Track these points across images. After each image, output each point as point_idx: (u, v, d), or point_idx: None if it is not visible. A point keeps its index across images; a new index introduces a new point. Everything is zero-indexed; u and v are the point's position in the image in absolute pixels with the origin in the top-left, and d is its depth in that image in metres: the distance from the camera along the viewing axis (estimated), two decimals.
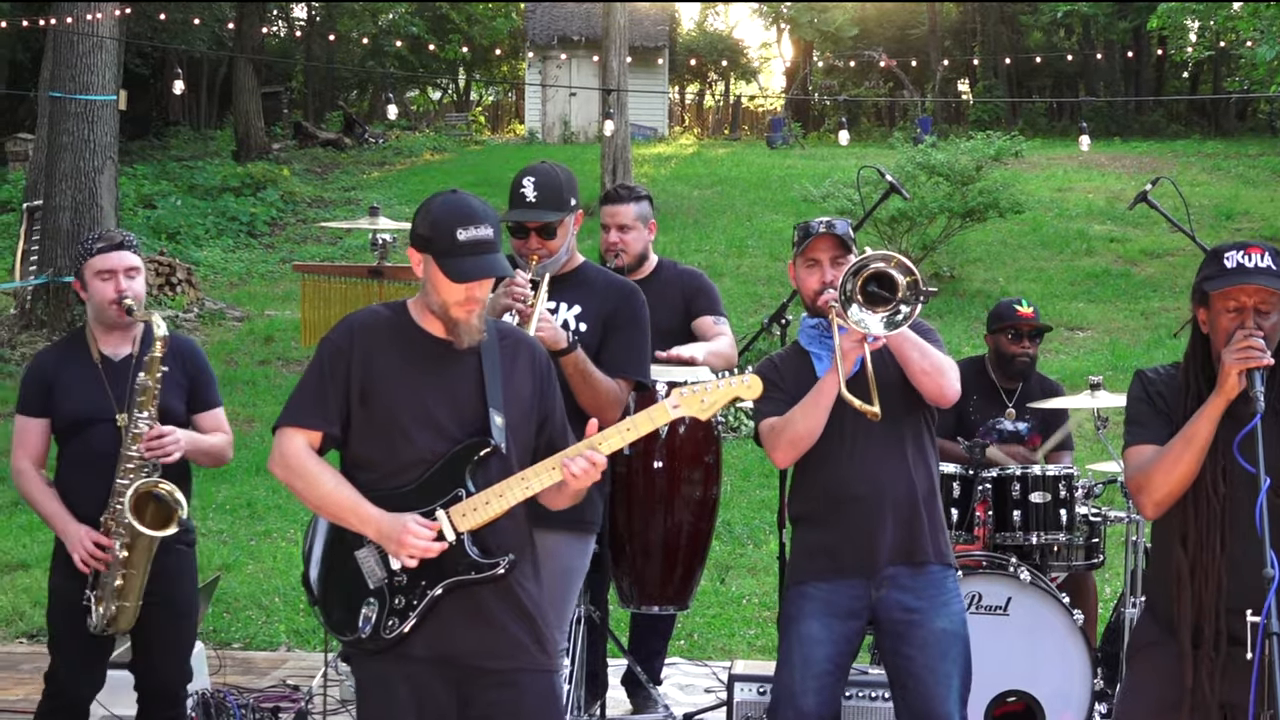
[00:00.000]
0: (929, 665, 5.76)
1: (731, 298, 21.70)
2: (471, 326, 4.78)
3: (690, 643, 9.90)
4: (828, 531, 5.83)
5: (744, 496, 13.81)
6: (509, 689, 4.84)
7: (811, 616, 5.81)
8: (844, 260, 5.82)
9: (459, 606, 4.78)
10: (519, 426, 4.92)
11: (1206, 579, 4.64)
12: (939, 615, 5.80)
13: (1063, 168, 34.43)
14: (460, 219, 4.70)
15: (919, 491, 5.83)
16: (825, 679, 5.80)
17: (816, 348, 5.95)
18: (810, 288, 5.91)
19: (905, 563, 5.79)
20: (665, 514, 7.09)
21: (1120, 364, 18.14)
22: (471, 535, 4.77)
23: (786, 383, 5.88)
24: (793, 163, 36.18)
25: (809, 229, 5.95)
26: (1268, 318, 4.64)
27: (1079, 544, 7.92)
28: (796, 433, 5.70)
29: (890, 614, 5.80)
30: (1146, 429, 4.82)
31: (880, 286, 5.48)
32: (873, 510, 5.75)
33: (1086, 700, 7.31)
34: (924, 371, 5.66)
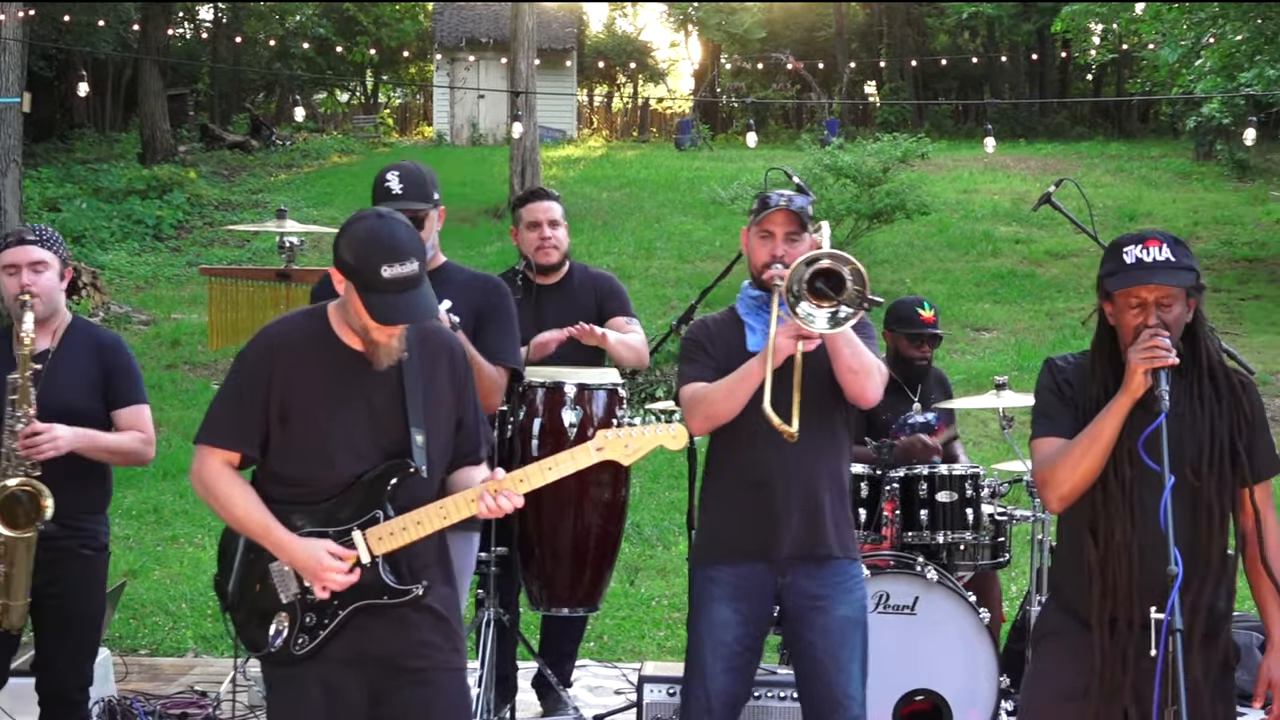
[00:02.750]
0: (830, 651, 5.78)
1: (640, 300, 21.69)
2: (391, 349, 4.73)
3: (600, 645, 9.90)
4: (736, 515, 5.83)
5: (653, 498, 13.83)
6: (423, 687, 4.83)
7: (720, 600, 5.82)
8: (798, 236, 5.83)
9: (373, 614, 4.77)
10: (442, 439, 4.90)
11: (1117, 569, 4.68)
12: (841, 603, 5.81)
13: (968, 169, 34.66)
14: (385, 254, 4.58)
15: (828, 486, 5.83)
16: (736, 659, 5.81)
17: (752, 319, 5.94)
18: (760, 258, 5.89)
19: (808, 556, 5.79)
20: (574, 517, 7.10)
21: (1025, 364, 18.27)
22: (386, 558, 4.75)
23: (716, 348, 5.87)
24: (701, 165, 36.23)
25: (768, 201, 5.93)
26: (1170, 309, 4.67)
27: (985, 543, 7.98)
28: (715, 410, 5.70)
29: (794, 601, 5.81)
30: (1054, 421, 4.85)
31: (827, 283, 5.48)
32: (782, 499, 5.75)
33: (993, 698, 7.37)
34: (851, 370, 5.66)
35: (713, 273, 6.16)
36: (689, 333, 6.06)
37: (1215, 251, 26.25)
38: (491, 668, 7.13)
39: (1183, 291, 4.70)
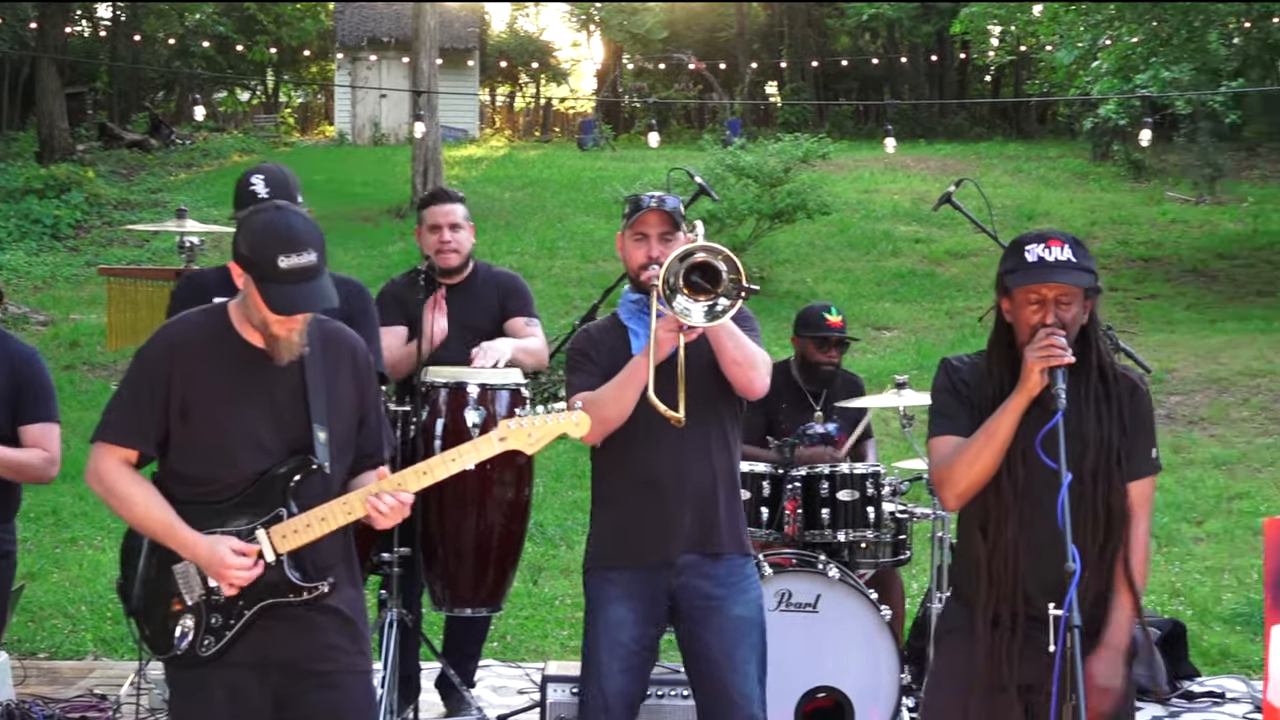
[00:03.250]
0: (726, 651, 5.81)
1: (543, 299, 21.65)
2: (292, 343, 4.70)
3: (503, 644, 9.90)
4: (628, 516, 5.84)
5: (556, 498, 13.84)
6: (329, 690, 4.81)
7: (615, 601, 5.83)
8: (672, 237, 5.85)
9: (278, 615, 4.74)
10: (344, 438, 4.88)
11: (1005, 565, 4.73)
12: (737, 602, 5.84)
13: (869, 170, 34.86)
14: (282, 245, 4.56)
15: (720, 482, 5.85)
16: (632, 659, 5.82)
17: (635, 323, 5.95)
18: (636, 261, 5.90)
19: (702, 552, 5.81)
20: (477, 516, 7.10)
21: (925, 363, 18.40)
22: (290, 556, 4.73)
23: (601, 355, 5.88)
24: (603, 164, 36.25)
25: (639, 202, 5.95)
26: (1068, 309, 4.72)
27: (886, 541, 8.05)
28: (606, 414, 5.69)
29: (689, 601, 5.82)
30: (951, 420, 4.88)
31: (703, 277, 5.50)
32: (673, 497, 5.76)
33: (894, 695, 7.42)
34: (736, 362, 5.68)
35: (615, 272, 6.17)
36: (573, 343, 6.07)
37: (1112, 251, 26.53)
38: (394, 669, 7.12)
39: (1081, 292, 4.75)
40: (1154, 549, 12.07)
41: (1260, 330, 20.85)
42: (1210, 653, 9.80)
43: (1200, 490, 14.16)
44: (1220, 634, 10.20)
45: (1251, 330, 20.90)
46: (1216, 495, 14.00)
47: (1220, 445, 15.76)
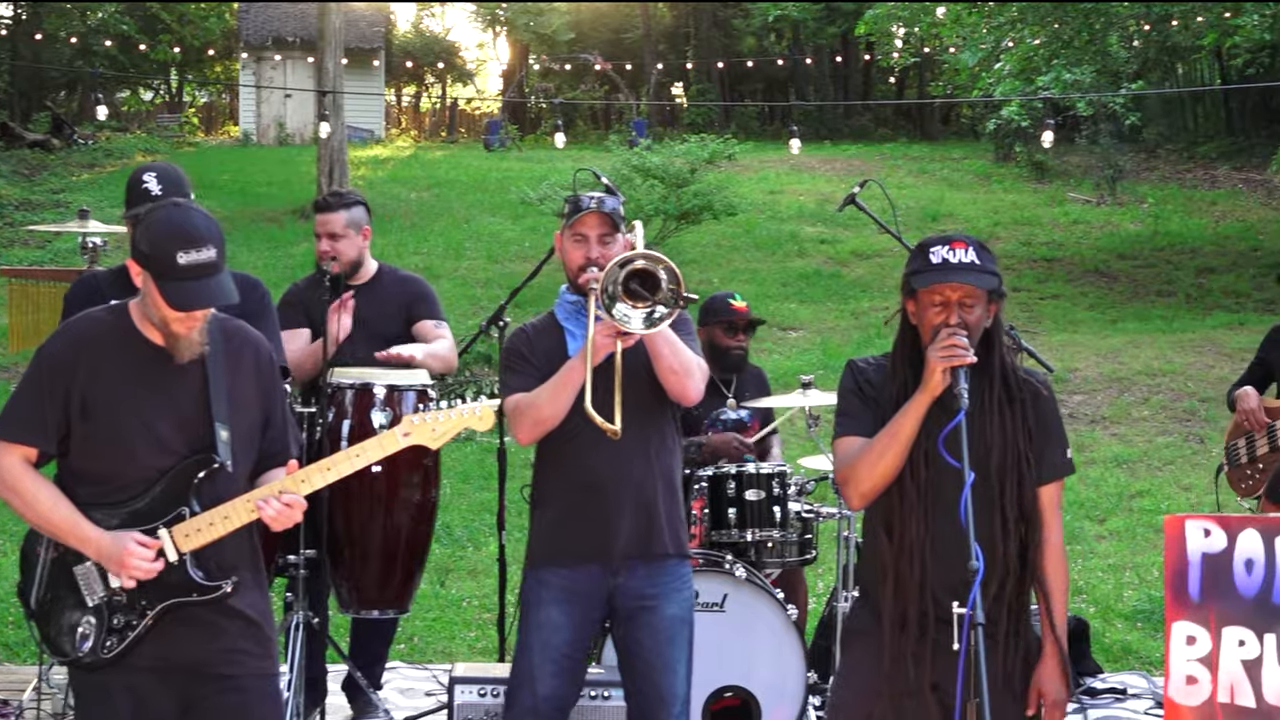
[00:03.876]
0: (658, 650, 5.84)
1: (450, 300, 21.61)
2: (192, 341, 4.68)
3: (410, 646, 9.88)
4: (568, 518, 5.86)
5: (464, 499, 13.81)
6: (235, 694, 4.79)
7: (551, 603, 5.84)
8: (611, 238, 5.87)
9: (182, 618, 4.71)
10: (247, 437, 4.85)
11: (910, 565, 4.75)
12: (671, 602, 5.88)
13: (774, 170, 34.97)
14: (181, 241, 4.55)
15: (660, 484, 5.89)
16: (564, 663, 5.85)
17: (572, 324, 5.96)
18: (575, 262, 5.92)
19: (642, 555, 5.84)
20: (384, 518, 7.09)
21: (831, 363, 18.48)
22: (194, 555, 4.71)
23: (537, 355, 5.90)
24: (510, 165, 36.18)
25: (579, 204, 5.96)
26: (971, 311, 4.75)
27: (793, 540, 8.07)
28: (541, 415, 5.71)
29: (626, 602, 5.85)
30: (855, 420, 4.90)
31: (643, 285, 5.52)
32: (614, 500, 5.79)
33: (800, 694, 7.46)
34: (672, 370, 5.71)
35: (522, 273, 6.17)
36: (509, 343, 6.07)
37: (1015, 252, 26.73)
38: (301, 671, 7.09)
39: (984, 295, 4.79)
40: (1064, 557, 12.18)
41: (1160, 330, 21.07)
42: (1112, 650, 9.90)
43: (1102, 489, 14.30)
44: (1122, 631, 10.31)
45: (1152, 330, 21.11)
46: (1118, 494, 14.14)
47: (1122, 444, 15.91)
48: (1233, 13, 23.56)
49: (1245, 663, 4.32)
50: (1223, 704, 4.33)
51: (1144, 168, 36.70)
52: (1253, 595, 4.34)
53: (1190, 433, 16.19)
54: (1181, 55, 32.83)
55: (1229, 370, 17.95)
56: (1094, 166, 33.61)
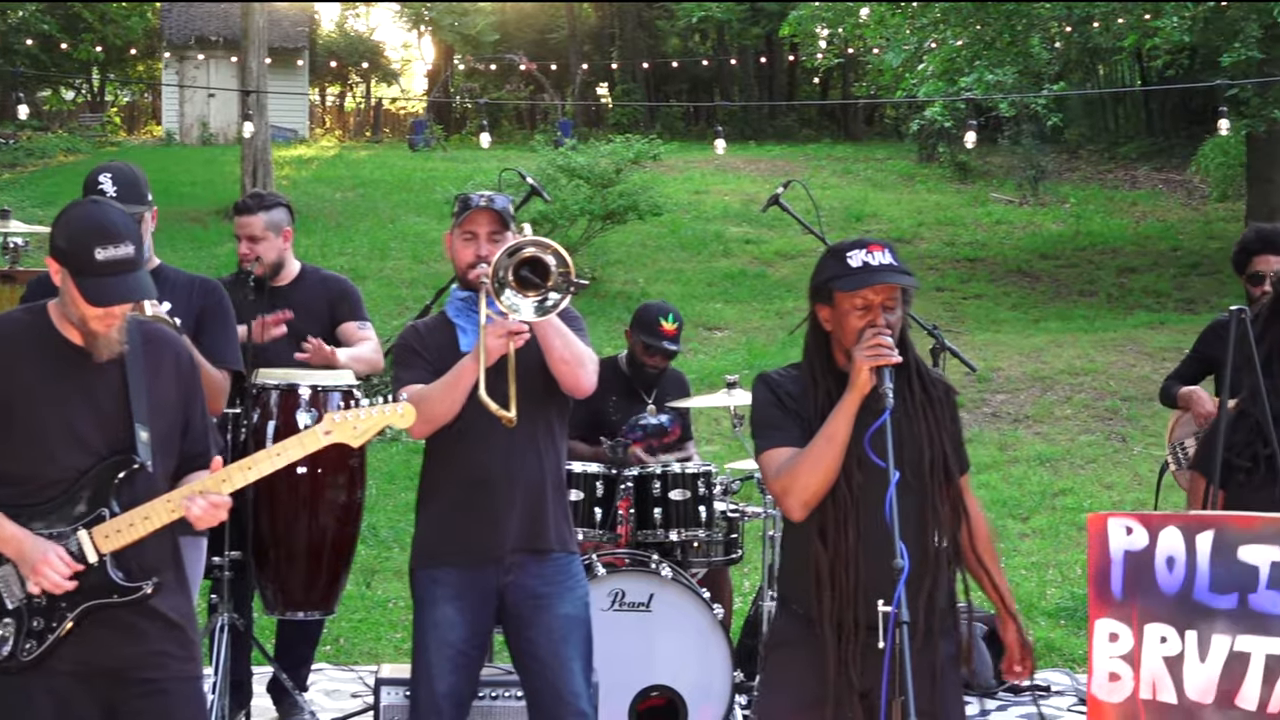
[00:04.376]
0: (552, 649, 5.85)
1: (375, 301, 21.55)
2: (110, 339, 4.64)
3: (336, 648, 9.85)
4: (457, 514, 5.86)
5: (389, 500, 13.78)
6: (158, 697, 4.75)
7: (444, 600, 5.84)
8: (501, 236, 5.87)
9: (103, 621, 4.67)
10: (167, 438, 4.81)
11: (846, 571, 4.74)
12: (564, 601, 5.89)
13: (699, 171, 35.04)
14: (99, 237, 4.53)
15: (549, 479, 5.90)
16: (460, 660, 5.85)
17: (463, 321, 5.97)
18: (465, 260, 5.93)
19: (530, 550, 5.85)
20: (309, 519, 7.07)
21: (756, 363, 18.52)
22: (114, 556, 4.67)
23: (429, 351, 5.90)
24: (435, 165, 36.09)
25: (468, 202, 5.97)
26: (893, 312, 4.77)
27: (718, 540, 8.10)
28: (434, 412, 5.70)
29: (517, 599, 5.85)
30: (782, 431, 4.87)
31: (533, 272, 5.51)
32: (501, 496, 5.79)
33: (727, 693, 7.48)
34: (564, 360, 5.72)
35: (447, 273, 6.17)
36: (400, 339, 6.08)
37: (938, 252, 26.88)
38: (226, 674, 7.05)
39: (901, 295, 4.83)
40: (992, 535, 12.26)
41: (1082, 330, 21.22)
42: (1036, 647, 9.95)
43: (1025, 487, 14.39)
44: (1045, 628, 10.38)
45: (1074, 330, 21.26)
46: (1041, 492, 14.24)
47: (1044, 443, 16.02)
48: (1152, 14, 23.75)
49: (1167, 659, 4.36)
50: (1145, 700, 4.37)
51: (1066, 168, 37.00)
52: (1174, 592, 4.38)
53: (1112, 431, 16.32)
54: (1102, 57, 33.11)
55: (1150, 369, 18.11)
56: (1016, 167, 33.86)
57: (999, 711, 8.60)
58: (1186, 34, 23.40)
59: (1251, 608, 4.33)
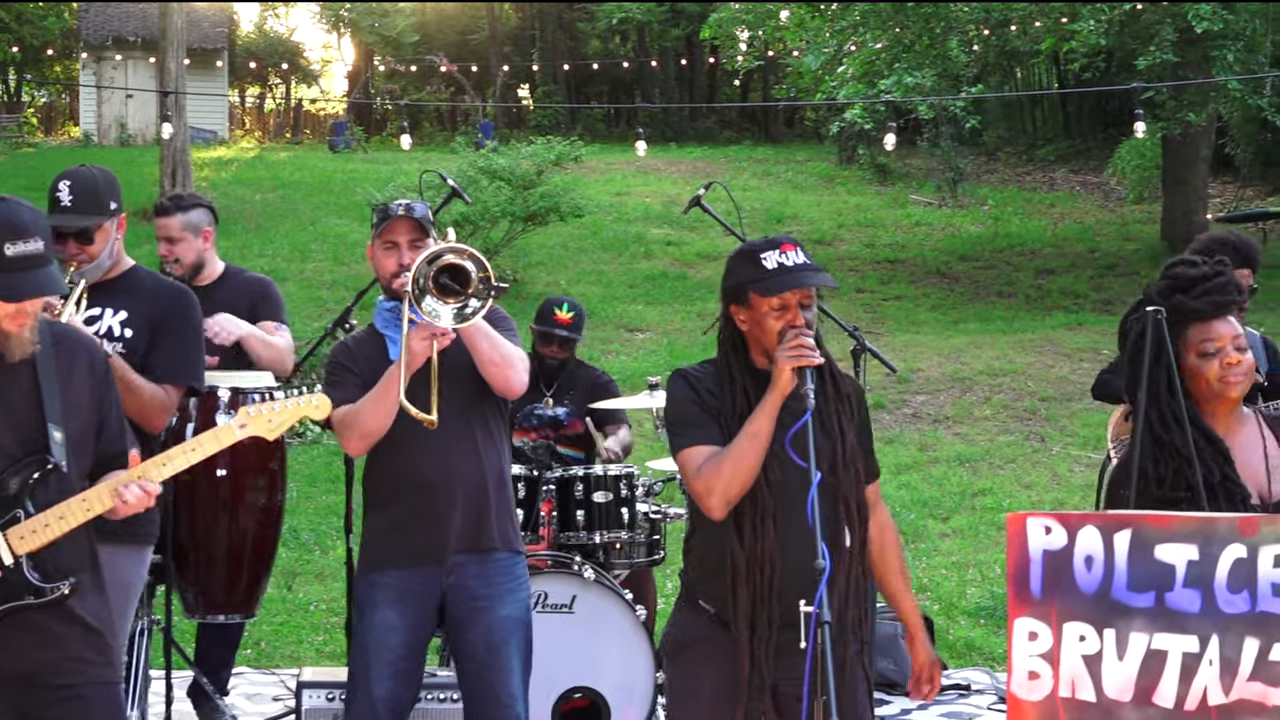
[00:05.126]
0: (492, 651, 5.85)
1: (295, 302, 21.46)
2: (23, 339, 4.61)
3: (257, 651, 9.81)
4: (399, 517, 5.85)
5: (310, 502, 13.72)
6: (75, 703, 4.71)
7: (385, 605, 5.84)
8: (422, 244, 5.87)
9: (19, 624, 4.63)
10: (81, 438, 4.77)
11: (762, 570, 4.76)
12: (505, 603, 5.89)
13: (621, 172, 35.07)
14: (8, 233, 4.50)
15: (489, 478, 5.89)
16: (399, 664, 5.84)
17: (391, 331, 5.96)
18: (388, 269, 5.93)
19: (473, 550, 5.85)
20: (229, 521, 7.04)
21: (677, 364, 18.34)
22: (30, 558, 4.64)
23: (360, 365, 5.89)
24: (355, 167, 35.98)
25: (388, 211, 5.97)
26: (809, 310, 4.79)
27: (641, 541, 8.12)
28: (366, 428, 5.71)
29: (458, 601, 5.86)
30: (701, 429, 4.87)
31: (453, 279, 5.51)
32: (443, 496, 5.79)
33: (649, 694, 7.49)
34: (492, 362, 5.72)
35: (368, 275, 6.15)
36: (331, 355, 6.07)
37: (858, 253, 27.00)
38: (145, 678, 7.02)
39: (815, 295, 4.86)
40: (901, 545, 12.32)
41: (1001, 331, 21.37)
42: (956, 646, 10.03)
43: (945, 487, 14.46)
44: (965, 628, 10.44)
45: (993, 331, 21.40)
46: (961, 492, 14.32)
47: (964, 443, 16.11)
48: (1069, 18, 23.94)
49: (1086, 658, 4.39)
50: (1064, 699, 4.40)
51: (984, 170, 37.26)
52: (1092, 591, 4.41)
53: (1031, 431, 16.43)
54: (1020, 59, 33.38)
55: (1068, 370, 18.25)
56: (935, 169, 34.07)
57: (919, 710, 8.65)
58: (1103, 37, 23.60)
59: (1168, 606, 4.37)
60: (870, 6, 25.58)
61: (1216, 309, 4.83)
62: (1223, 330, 4.82)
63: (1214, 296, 4.82)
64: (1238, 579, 4.34)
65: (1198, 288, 4.82)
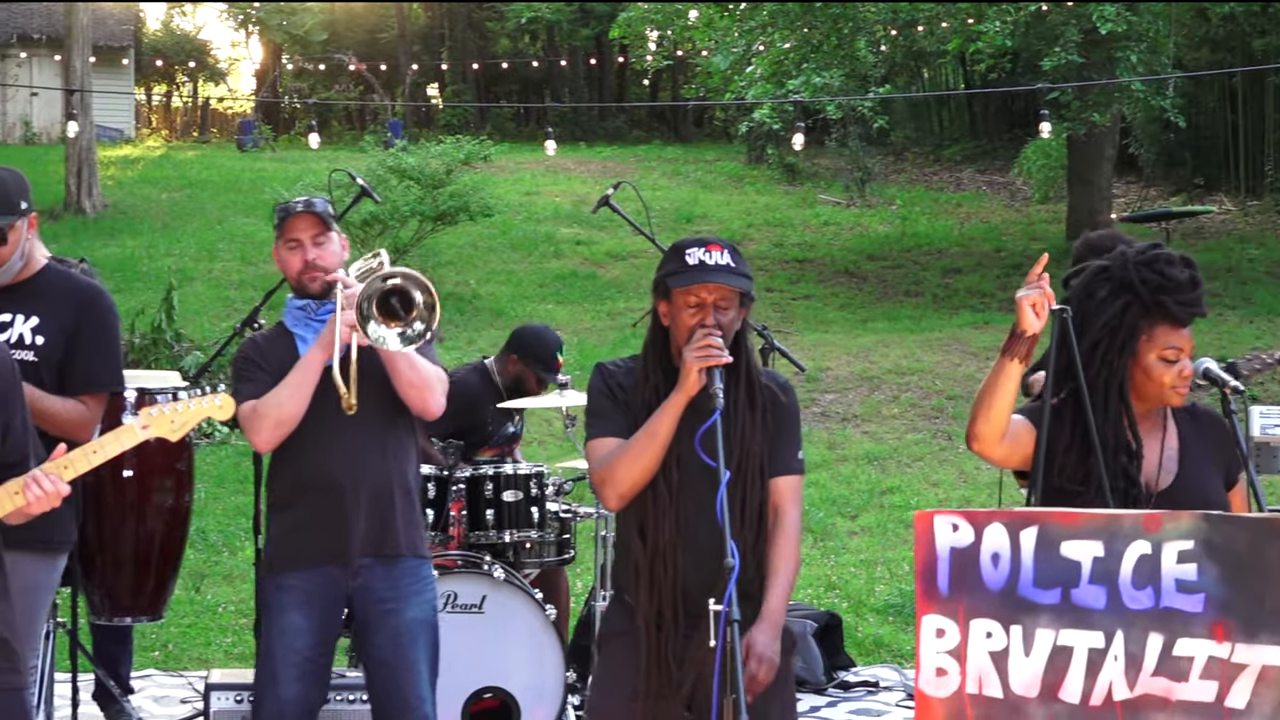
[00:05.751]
0: (399, 653, 5.85)
1: (204, 303, 21.35)
2: None
3: (165, 653, 9.75)
4: (304, 519, 5.83)
5: (219, 503, 13.64)
6: None
7: (292, 607, 5.82)
8: (325, 238, 5.89)
9: None
10: None
11: (665, 566, 4.79)
12: (412, 605, 5.89)
13: (530, 172, 35.00)
14: None
15: (395, 484, 5.88)
16: (307, 666, 5.83)
17: (301, 329, 5.93)
18: (294, 267, 5.92)
19: (377, 554, 5.84)
20: (136, 523, 7.00)
21: (587, 363, 18.34)
22: None
23: (270, 363, 5.84)
24: (264, 166, 35.74)
25: (288, 210, 5.96)
26: (726, 313, 4.81)
27: (551, 540, 8.13)
28: (284, 414, 5.68)
29: (365, 603, 5.85)
30: (609, 421, 4.92)
31: (400, 302, 5.54)
32: (349, 500, 5.77)
33: (560, 693, 7.50)
34: (411, 384, 5.72)
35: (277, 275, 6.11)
36: (239, 352, 6.02)
37: (767, 253, 27.07)
38: (50, 681, 6.96)
39: (737, 297, 4.86)
40: (810, 544, 12.38)
41: (909, 330, 21.48)
42: (865, 643, 10.09)
43: (854, 485, 14.54)
44: (874, 625, 10.50)
45: (901, 330, 21.51)
46: (869, 490, 14.40)
47: (872, 441, 16.20)
48: (975, 19, 24.11)
49: (993, 654, 4.42)
50: (971, 695, 4.42)
51: (892, 170, 37.42)
52: (999, 588, 4.45)
53: (938, 430, 16.54)
54: (927, 60, 33.55)
55: (975, 368, 18.38)
56: (843, 169, 34.18)
57: (829, 708, 8.70)
58: (1009, 38, 23.77)
59: (1074, 602, 4.41)
60: (778, 6, 25.64)
61: (1190, 318, 4.88)
62: (1187, 340, 4.89)
63: (1194, 308, 4.86)
64: (1142, 575, 4.39)
65: (1185, 294, 4.85)
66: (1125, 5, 22.96)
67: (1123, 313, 4.83)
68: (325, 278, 5.85)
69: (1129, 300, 4.82)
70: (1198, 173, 31.57)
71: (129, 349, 15.21)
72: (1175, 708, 4.35)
